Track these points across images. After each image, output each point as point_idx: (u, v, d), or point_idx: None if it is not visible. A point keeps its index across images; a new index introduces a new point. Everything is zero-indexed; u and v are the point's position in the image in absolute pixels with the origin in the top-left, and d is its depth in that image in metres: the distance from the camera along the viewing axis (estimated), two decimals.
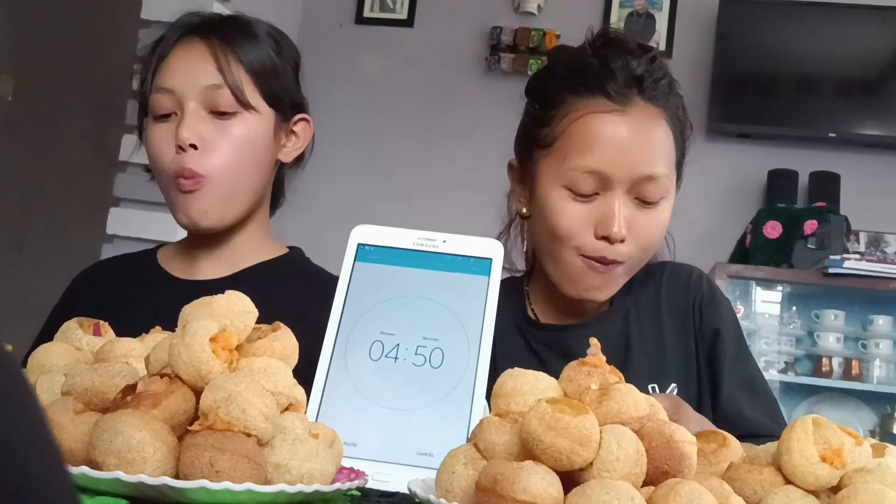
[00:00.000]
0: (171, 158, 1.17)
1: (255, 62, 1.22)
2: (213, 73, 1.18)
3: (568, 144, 1.12)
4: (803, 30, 3.38)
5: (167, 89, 1.18)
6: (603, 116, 1.10)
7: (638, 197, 1.11)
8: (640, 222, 1.11)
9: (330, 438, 0.62)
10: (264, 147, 1.23)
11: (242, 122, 1.19)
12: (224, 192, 1.19)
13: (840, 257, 3.00)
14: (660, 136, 1.12)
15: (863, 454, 0.63)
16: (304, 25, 3.84)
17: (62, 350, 0.73)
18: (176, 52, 1.21)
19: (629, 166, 1.09)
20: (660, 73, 1.13)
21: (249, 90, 1.20)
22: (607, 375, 0.63)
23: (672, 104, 1.14)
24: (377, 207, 3.62)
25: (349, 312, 0.81)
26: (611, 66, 1.11)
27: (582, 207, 1.11)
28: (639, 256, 1.14)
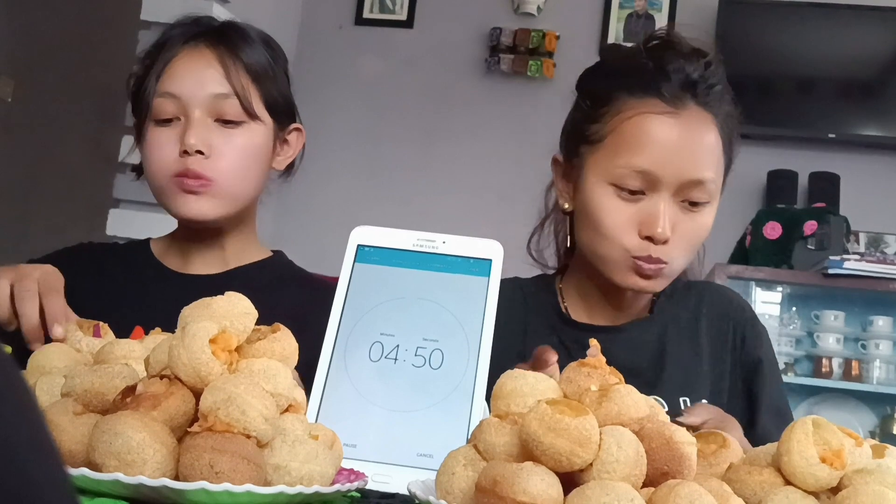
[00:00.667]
0: (174, 159, 1.17)
1: (258, 68, 1.22)
2: (222, 81, 1.18)
3: (618, 142, 1.13)
4: (803, 31, 3.38)
5: (173, 95, 1.18)
6: (656, 117, 1.11)
7: (684, 200, 1.12)
8: (684, 225, 1.12)
9: (330, 440, 0.62)
10: (265, 156, 1.24)
11: (247, 132, 1.20)
12: (227, 198, 1.19)
13: (840, 258, 3.00)
14: (710, 141, 1.12)
15: (863, 455, 0.62)
16: (304, 27, 3.84)
17: (62, 352, 0.73)
18: (182, 57, 1.20)
19: (678, 169, 1.10)
20: (714, 79, 1.13)
21: (255, 99, 1.21)
22: (607, 377, 0.63)
23: (723, 111, 1.15)
24: (377, 208, 3.62)
25: (349, 314, 0.81)
26: (666, 68, 1.12)
27: (627, 206, 1.12)
28: (681, 260, 1.15)
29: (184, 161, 1.16)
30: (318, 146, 3.78)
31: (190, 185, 1.17)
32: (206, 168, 1.17)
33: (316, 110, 3.77)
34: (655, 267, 1.12)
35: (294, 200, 3.65)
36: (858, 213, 3.28)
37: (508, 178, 3.64)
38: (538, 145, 4.06)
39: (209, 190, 1.17)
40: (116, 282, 1.26)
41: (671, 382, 1.18)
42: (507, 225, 3.64)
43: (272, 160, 1.27)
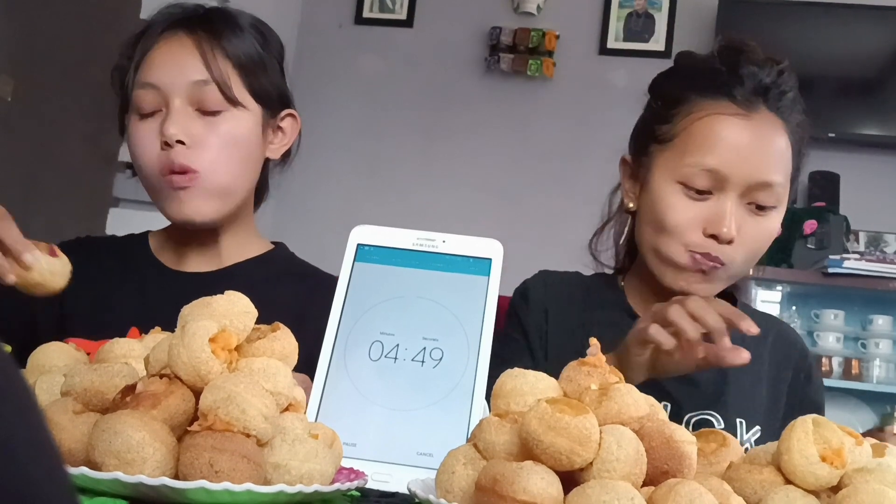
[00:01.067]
0: (157, 154, 1.14)
1: (242, 56, 1.18)
2: (200, 68, 1.14)
3: (688, 141, 1.14)
4: (802, 30, 3.38)
5: (152, 85, 1.14)
6: (727, 118, 1.12)
7: (751, 202, 1.12)
8: (749, 228, 1.13)
9: (329, 439, 0.62)
10: (253, 144, 1.19)
11: (230, 120, 1.16)
12: (216, 188, 1.16)
13: (839, 257, 3.01)
14: (780, 146, 1.13)
15: (863, 454, 0.62)
16: (304, 26, 3.84)
17: (61, 350, 0.72)
18: (160, 46, 1.16)
19: (747, 170, 1.10)
20: (786, 86, 1.15)
21: (236, 86, 1.16)
22: (607, 375, 0.63)
23: (795, 119, 1.16)
24: (376, 207, 3.62)
25: (349, 313, 0.81)
26: (739, 72, 1.13)
27: (693, 205, 1.13)
28: (742, 263, 1.15)
29: (167, 156, 1.12)
30: (318, 145, 3.79)
31: (178, 181, 1.13)
32: (189, 159, 1.13)
33: (316, 109, 3.77)
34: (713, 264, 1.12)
35: (294, 199, 3.65)
36: (858, 213, 3.29)
37: (508, 176, 3.64)
38: (538, 144, 4.08)
39: (197, 183, 1.13)
40: (114, 278, 1.24)
41: (730, 402, 1.19)
42: (506, 223, 3.65)
43: (264, 149, 1.23)
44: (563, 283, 1.29)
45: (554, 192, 3.58)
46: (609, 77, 3.61)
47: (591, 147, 3.53)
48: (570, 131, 3.61)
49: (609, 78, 3.61)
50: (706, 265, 1.12)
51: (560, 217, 3.54)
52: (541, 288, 1.28)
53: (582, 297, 1.27)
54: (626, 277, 1.29)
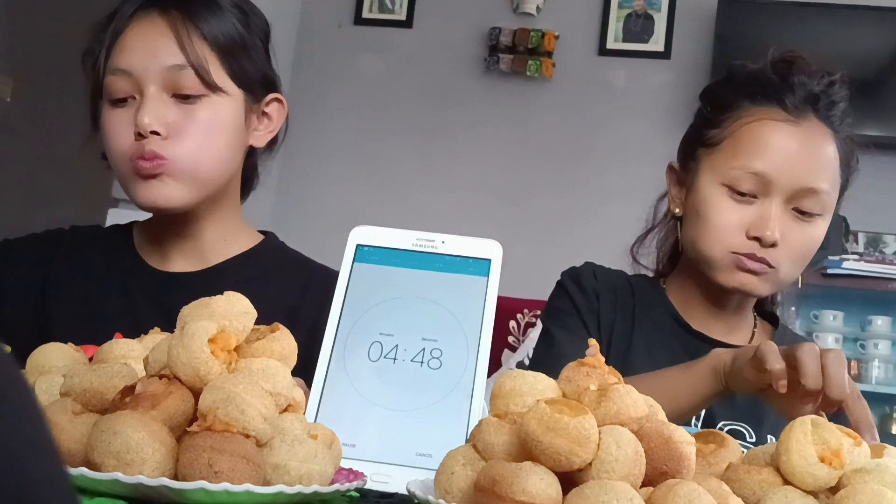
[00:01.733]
0: (129, 143, 1.07)
1: (221, 37, 1.11)
2: (175, 52, 1.07)
3: (736, 145, 1.16)
4: (802, 30, 3.38)
5: (124, 71, 1.08)
6: (775, 124, 1.14)
7: (796, 208, 1.14)
8: (793, 233, 1.14)
9: (329, 439, 0.62)
10: (234, 131, 1.13)
11: (209, 106, 1.09)
12: (192, 180, 1.09)
13: (839, 258, 3.01)
14: (827, 154, 1.15)
15: (861, 455, 0.63)
16: (303, 26, 3.84)
17: (61, 351, 0.72)
18: (133, 28, 1.09)
19: (793, 175, 1.12)
20: (837, 96, 1.16)
21: (215, 70, 1.10)
22: (606, 376, 0.63)
23: (844, 130, 1.18)
24: (376, 208, 3.62)
25: (348, 313, 0.81)
26: (790, 80, 1.15)
27: (738, 207, 1.14)
28: (789, 268, 1.16)
29: (140, 145, 1.06)
30: (317, 145, 3.79)
31: (144, 167, 1.06)
32: (164, 149, 1.06)
33: (315, 110, 3.77)
34: (760, 266, 1.13)
35: (293, 199, 3.65)
36: (857, 213, 3.28)
37: (507, 177, 3.64)
38: (537, 145, 4.09)
39: (167, 170, 1.07)
40: (99, 276, 1.19)
41: (765, 418, 1.19)
42: (506, 224, 3.66)
43: (247, 136, 1.16)
44: (611, 276, 1.31)
45: (553, 192, 3.58)
46: (608, 77, 3.61)
47: (590, 147, 3.53)
48: (570, 131, 3.61)
49: (608, 78, 3.61)
50: (754, 265, 1.13)
51: (559, 217, 3.54)
52: (591, 275, 1.28)
53: (629, 293, 1.28)
54: (667, 281, 1.30)
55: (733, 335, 1.26)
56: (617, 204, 3.20)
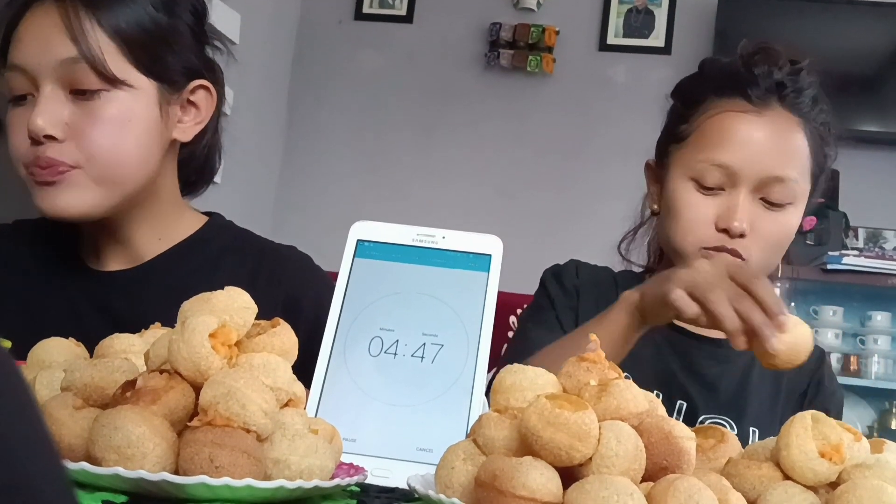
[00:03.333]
0: (25, 148, 0.99)
1: (125, 26, 1.00)
2: (68, 44, 0.98)
3: (701, 138, 1.16)
4: (802, 26, 3.38)
5: (19, 67, 0.99)
6: (738, 115, 1.14)
7: (764, 198, 1.13)
8: (763, 223, 1.13)
9: (329, 434, 0.62)
10: (147, 127, 1.03)
11: (112, 101, 1.00)
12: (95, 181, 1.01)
13: (838, 253, 3.01)
14: (794, 142, 1.14)
15: (861, 450, 0.63)
16: (304, 22, 3.83)
17: (61, 346, 0.73)
18: (27, 19, 1.00)
19: (757, 165, 1.11)
20: (803, 83, 1.16)
21: (116, 61, 1.00)
22: (606, 371, 0.63)
23: (814, 117, 1.17)
24: (376, 203, 3.62)
25: (348, 308, 0.81)
26: (754, 70, 1.15)
27: (706, 200, 1.14)
28: (762, 258, 1.15)
29: (34, 151, 0.99)
30: (317, 141, 3.79)
31: (40, 174, 0.99)
32: (61, 154, 0.98)
33: (315, 105, 3.77)
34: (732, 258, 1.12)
35: (293, 195, 3.65)
36: (857, 209, 3.29)
37: (508, 172, 3.64)
38: (537, 140, 4.08)
39: (66, 177, 0.99)
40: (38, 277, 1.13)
41: (748, 410, 1.19)
42: (506, 219, 3.66)
43: (166, 129, 1.06)
44: (596, 273, 1.30)
45: (554, 187, 3.58)
46: (609, 73, 3.61)
47: (590, 143, 3.53)
48: (570, 127, 3.61)
49: (609, 74, 3.61)
50: None
51: (560, 213, 3.54)
52: (573, 272, 1.28)
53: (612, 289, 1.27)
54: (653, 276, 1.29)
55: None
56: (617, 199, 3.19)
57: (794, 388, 1.24)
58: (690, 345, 1.23)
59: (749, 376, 1.22)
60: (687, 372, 1.21)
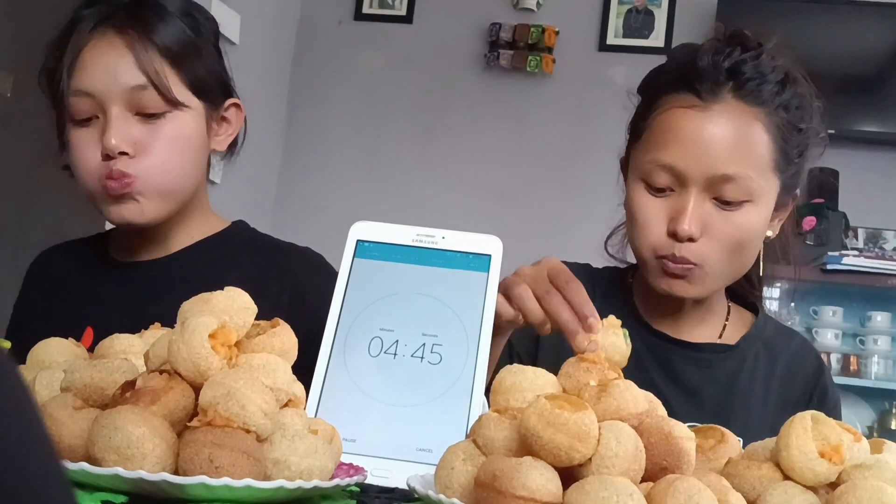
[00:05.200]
0: (97, 163, 1.10)
1: (173, 46, 1.12)
2: (135, 72, 1.09)
3: (650, 137, 1.11)
4: (802, 26, 3.38)
5: (86, 92, 1.09)
6: (683, 112, 1.08)
7: (716, 197, 1.07)
8: (717, 224, 1.07)
9: (329, 434, 0.62)
10: (197, 142, 1.15)
11: (173, 121, 1.11)
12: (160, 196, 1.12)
13: (838, 254, 3.01)
14: (745, 136, 1.07)
15: (861, 450, 0.63)
16: (304, 22, 3.83)
17: (61, 346, 0.73)
18: (91, 48, 1.10)
19: (703, 164, 1.05)
20: (754, 72, 1.08)
21: (175, 84, 1.11)
22: (606, 372, 0.63)
23: (780, 105, 1.08)
24: (376, 204, 3.62)
25: (348, 309, 0.81)
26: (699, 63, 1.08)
27: (657, 202, 1.09)
28: (720, 261, 1.08)
29: (107, 164, 1.08)
30: (317, 142, 3.79)
31: (113, 187, 1.08)
32: (131, 167, 1.09)
33: (315, 106, 3.77)
34: (682, 267, 1.07)
35: (293, 195, 3.65)
36: (857, 209, 3.28)
37: (507, 173, 3.63)
38: (537, 141, 4.07)
39: (135, 188, 1.09)
40: (69, 280, 1.24)
41: (732, 419, 1.14)
42: (506, 220, 3.65)
43: (209, 143, 1.18)
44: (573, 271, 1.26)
45: (553, 188, 3.58)
46: (608, 73, 3.61)
47: (590, 143, 3.53)
48: (570, 128, 3.61)
49: (608, 74, 3.61)
50: (676, 268, 1.07)
51: (559, 213, 3.54)
52: None
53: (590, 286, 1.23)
54: (635, 275, 1.26)
55: (700, 328, 1.20)
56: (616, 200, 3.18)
57: (788, 396, 1.19)
58: (670, 350, 1.18)
59: (734, 384, 1.17)
60: (667, 378, 1.17)
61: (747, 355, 1.20)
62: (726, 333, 1.22)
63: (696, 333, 1.20)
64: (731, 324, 1.23)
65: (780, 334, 1.24)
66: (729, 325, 1.22)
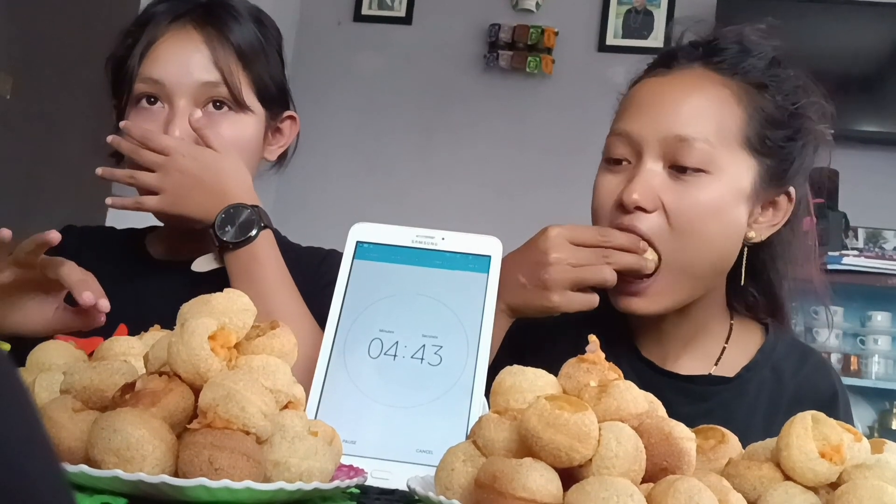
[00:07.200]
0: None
1: (244, 46, 1.14)
2: (210, 67, 1.11)
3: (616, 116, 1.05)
4: (801, 26, 3.38)
5: (156, 81, 1.10)
6: (648, 81, 1.03)
7: (672, 165, 0.97)
8: (669, 195, 0.97)
9: (329, 436, 0.62)
10: (254, 148, 1.17)
11: (236, 122, 1.13)
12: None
13: (838, 254, 3.01)
14: (708, 100, 0.99)
15: (861, 450, 0.63)
16: (303, 23, 3.83)
17: (61, 348, 0.72)
18: (167, 39, 1.12)
19: (657, 125, 0.98)
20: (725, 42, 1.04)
21: (245, 86, 1.14)
22: (606, 372, 0.63)
23: (757, 81, 1.02)
24: (376, 205, 3.62)
25: (348, 310, 0.81)
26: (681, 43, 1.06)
27: (612, 177, 1.01)
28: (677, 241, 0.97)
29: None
30: (316, 142, 3.79)
31: None
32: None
33: (314, 107, 3.77)
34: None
35: (293, 196, 3.65)
36: (857, 209, 3.28)
37: (507, 173, 3.63)
38: (537, 141, 4.08)
39: None
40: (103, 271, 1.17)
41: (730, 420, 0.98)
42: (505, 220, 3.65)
43: (263, 151, 1.20)
44: None
45: (553, 188, 3.58)
46: (608, 74, 3.60)
47: (590, 144, 3.51)
48: (569, 128, 3.61)
49: (608, 75, 3.59)
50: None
51: (559, 214, 3.53)
52: None
53: None
54: None
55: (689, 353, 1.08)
56: None
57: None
58: (659, 381, 1.06)
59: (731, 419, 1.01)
60: None
61: (749, 386, 1.07)
62: (725, 359, 1.09)
63: (686, 361, 1.09)
64: (732, 346, 1.10)
65: (791, 356, 1.11)
66: (730, 348, 1.10)
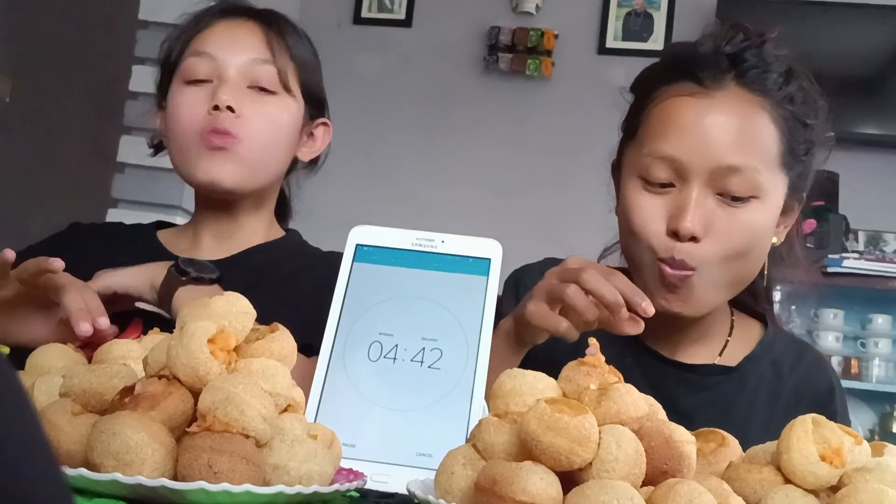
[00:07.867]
0: (202, 116, 1.13)
1: (300, 56, 1.22)
2: (263, 48, 1.17)
3: (647, 131, 1.03)
4: (801, 29, 3.38)
5: (207, 54, 1.15)
6: (685, 100, 1.00)
7: (721, 193, 0.98)
8: (721, 222, 0.98)
9: (329, 439, 0.62)
10: (292, 133, 1.21)
11: (279, 103, 1.18)
12: (249, 164, 1.15)
13: (839, 256, 3.01)
14: (752, 125, 0.99)
15: (862, 453, 0.63)
16: (302, 25, 3.81)
17: (60, 352, 0.72)
18: (221, 23, 1.18)
19: (707, 154, 0.97)
20: (768, 57, 1.03)
21: (292, 76, 1.19)
22: (606, 375, 0.63)
23: (785, 97, 1.02)
24: (375, 208, 3.62)
25: (348, 313, 0.81)
26: (701, 50, 1.03)
27: (655, 200, 1.00)
28: (721, 265, 0.99)
29: (213, 119, 1.12)
30: None
31: (215, 141, 1.12)
32: (235, 127, 1.13)
33: None
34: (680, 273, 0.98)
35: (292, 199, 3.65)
36: (857, 212, 3.28)
37: (507, 176, 3.63)
38: (536, 144, 4.08)
39: (234, 148, 1.13)
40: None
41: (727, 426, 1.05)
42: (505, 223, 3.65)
43: (298, 144, 1.24)
44: None
45: (553, 191, 3.58)
46: (608, 76, 3.61)
47: (589, 146, 3.51)
48: (569, 130, 3.61)
49: (608, 77, 3.60)
50: (673, 276, 0.98)
51: (559, 216, 3.54)
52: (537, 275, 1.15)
53: None
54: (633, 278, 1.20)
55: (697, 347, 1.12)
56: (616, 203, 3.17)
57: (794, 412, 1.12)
58: (663, 371, 1.10)
59: (732, 409, 1.09)
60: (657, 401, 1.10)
61: (749, 378, 1.11)
62: (728, 351, 1.13)
63: (692, 352, 1.12)
64: (734, 340, 1.14)
65: (790, 351, 1.15)
66: (732, 341, 1.14)
